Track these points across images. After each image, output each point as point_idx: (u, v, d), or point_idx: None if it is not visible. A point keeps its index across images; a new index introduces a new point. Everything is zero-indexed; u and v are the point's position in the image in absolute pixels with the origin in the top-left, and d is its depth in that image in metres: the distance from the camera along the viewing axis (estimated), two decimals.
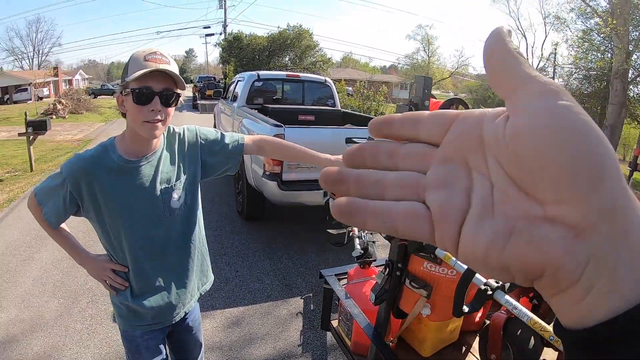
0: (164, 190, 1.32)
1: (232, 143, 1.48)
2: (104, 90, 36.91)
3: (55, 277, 3.67)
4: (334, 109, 6.58)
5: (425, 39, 49.04)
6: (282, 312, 3.26)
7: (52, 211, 1.30)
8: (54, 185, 1.27)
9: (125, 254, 1.34)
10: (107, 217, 1.28)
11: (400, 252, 1.32)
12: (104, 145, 1.29)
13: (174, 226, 1.38)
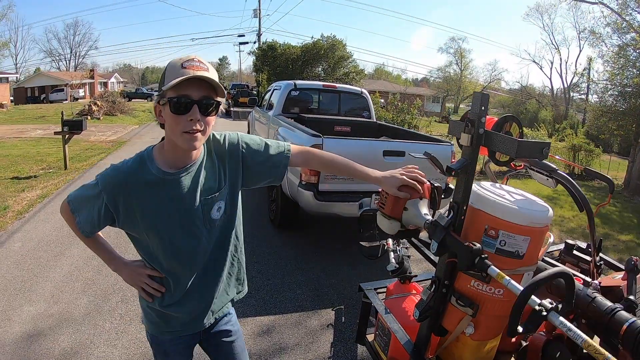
0: (204, 201, 1.27)
1: (277, 154, 1.40)
2: (138, 94, 38.24)
3: (86, 275, 3.75)
4: (370, 121, 6.58)
5: (458, 52, 48.65)
6: (313, 323, 3.24)
7: (86, 221, 1.26)
8: (89, 196, 1.23)
9: (161, 262, 1.30)
10: (144, 229, 1.23)
11: (448, 269, 1.30)
12: (142, 156, 1.24)
13: (213, 236, 1.34)
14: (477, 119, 1.13)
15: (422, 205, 1.33)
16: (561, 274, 1.01)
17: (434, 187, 1.36)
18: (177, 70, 1.11)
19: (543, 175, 1.58)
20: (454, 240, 1.19)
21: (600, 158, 12.70)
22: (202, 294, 1.39)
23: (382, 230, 1.41)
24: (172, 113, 1.12)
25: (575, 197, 1.47)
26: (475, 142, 1.16)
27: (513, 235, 1.23)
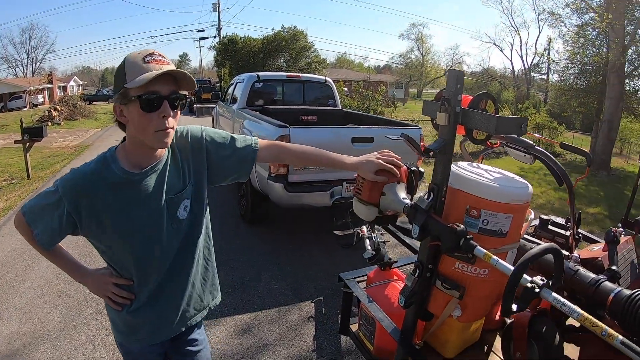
0: (170, 200, 1.21)
1: (244, 147, 1.34)
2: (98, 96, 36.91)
3: (57, 287, 3.56)
4: (336, 109, 6.53)
5: (419, 38, 49.27)
6: (293, 317, 3.19)
7: (45, 232, 1.17)
8: (48, 204, 1.14)
9: (127, 267, 1.24)
10: (110, 233, 1.16)
11: (431, 252, 1.25)
12: (104, 157, 1.16)
13: (179, 237, 1.27)
14: (453, 97, 1.08)
15: (399, 189, 1.28)
16: (551, 249, 0.98)
17: (410, 170, 1.32)
18: (140, 66, 1.04)
19: (520, 152, 1.56)
20: (436, 223, 1.14)
21: (563, 135, 13.14)
22: (170, 299, 1.31)
23: (359, 217, 1.35)
24: (143, 111, 1.05)
25: (554, 171, 1.46)
26: (452, 121, 1.12)
27: (495, 214, 1.20)
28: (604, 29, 9.86)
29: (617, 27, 9.62)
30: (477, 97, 1.17)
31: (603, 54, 11.50)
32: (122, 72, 1.06)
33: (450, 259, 1.26)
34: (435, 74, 48.90)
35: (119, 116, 1.11)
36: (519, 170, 8.93)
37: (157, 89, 1.05)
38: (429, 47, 49.68)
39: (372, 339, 1.72)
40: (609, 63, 10.12)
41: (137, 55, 1.07)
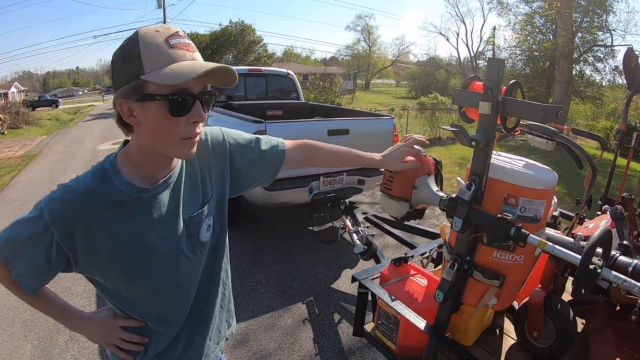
0: (190, 221, 0.99)
1: (270, 149, 1.15)
2: (42, 102, 35.05)
3: (22, 316, 3.25)
4: (301, 102, 6.49)
5: (365, 29, 50.00)
6: (287, 322, 3.11)
7: (28, 272, 0.90)
8: (29, 235, 0.86)
9: (138, 307, 1.00)
10: (115, 268, 0.91)
11: (471, 245, 1.24)
12: (102, 169, 0.90)
13: (202, 264, 1.05)
14: (495, 86, 1.06)
15: (431, 182, 1.26)
16: (607, 231, 0.99)
17: (436, 161, 1.30)
18: (164, 52, 0.79)
19: (542, 139, 1.58)
20: (481, 214, 1.13)
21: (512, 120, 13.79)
22: (191, 338, 1.09)
23: (391, 214, 1.31)
24: (172, 115, 0.81)
25: (575, 156, 1.49)
26: (495, 110, 1.10)
27: (532, 200, 1.21)
28: (553, 17, 10.42)
29: (565, 14, 10.19)
30: (510, 86, 1.16)
31: (550, 40, 12.18)
32: (134, 56, 0.78)
33: (487, 249, 1.25)
34: (382, 65, 49.83)
35: (127, 116, 0.84)
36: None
37: (189, 86, 0.81)
38: (376, 38, 50.68)
39: (395, 337, 1.69)
40: (558, 49, 10.73)
41: (155, 33, 0.80)
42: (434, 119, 12.39)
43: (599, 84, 13.56)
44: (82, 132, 15.34)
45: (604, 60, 12.96)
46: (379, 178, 4.38)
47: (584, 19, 11.35)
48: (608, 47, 12.35)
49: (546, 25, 12.57)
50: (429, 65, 43.20)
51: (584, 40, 11.88)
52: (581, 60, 12.50)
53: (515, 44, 13.59)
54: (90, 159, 9.32)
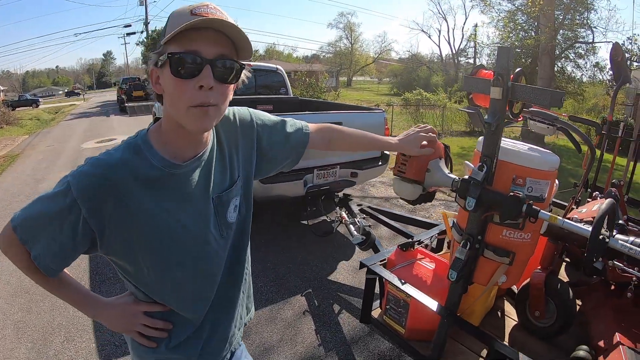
0: (218, 200, 0.96)
1: (295, 131, 1.14)
2: (22, 101, 34.09)
3: (14, 317, 3.16)
4: (291, 97, 6.52)
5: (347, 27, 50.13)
6: (287, 314, 3.14)
7: (48, 252, 0.85)
8: (53, 211, 0.81)
9: (168, 291, 0.95)
10: (144, 248, 0.87)
11: (482, 224, 1.30)
12: (134, 143, 0.87)
13: (228, 245, 1.02)
14: (505, 73, 1.13)
15: (442, 165, 1.32)
16: (612, 204, 1.06)
17: (445, 146, 1.36)
18: (185, 18, 0.77)
19: (543, 124, 1.65)
20: (494, 193, 1.20)
21: None
22: (217, 324, 1.05)
23: (404, 197, 1.37)
24: (174, 76, 0.78)
25: (575, 140, 1.57)
26: (505, 95, 1.16)
27: (538, 181, 1.27)
28: (536, 14, 10.65)
29: (548, 12, 10.43)
30: (517, 74, 1.22)
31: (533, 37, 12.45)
32: (165, 27, 0.82)
33: (497, 228, 1.31)
34: (364, 62, 50.03)
35: (154, 84, 0.85)
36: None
37: (196, 48, 0.78)
38: (358, 36, 50.90)
39: (404, 322, 1.74)
40: (541, 46, 10.98)
41: (184, 7, 0.81)
42: (419, 115, 12.53)
43: (580, 80, 13.96)
44: (65, 131, 15.03)
45: (585, 56, 13.35)
46: (372, 171, 4.46)
47: (566, 17, 11.65)
48: (589, 44, 12.71)
49: (528, 22, 12.87)
50: (411, 62, 43.64)
51: (565, 37, 12.19)
52: (563, 56, 12.85)
53: (498, 40, 13.88)
54: (75, 158, 9.17)
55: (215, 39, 0.80)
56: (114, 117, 18.87)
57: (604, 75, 13.17)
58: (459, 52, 43.62)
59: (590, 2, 11.59)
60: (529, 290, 1.67)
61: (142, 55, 29.11)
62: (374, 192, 6.32)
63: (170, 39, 0.77)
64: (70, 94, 55.17)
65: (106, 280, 3.63)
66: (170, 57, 0.77)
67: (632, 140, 2.20)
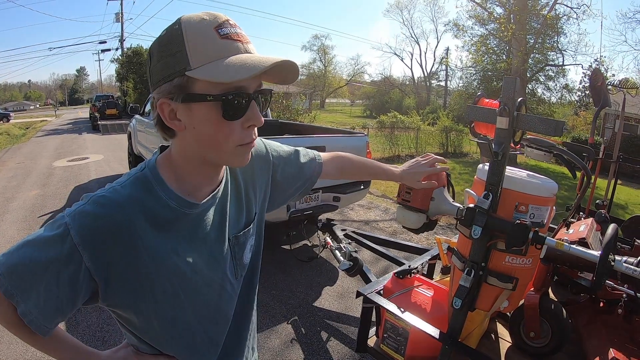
0: (235, 241, 0.88)
1: (309, 161, 1.11)
2: None
3: None
4: (272, 119, 6.49)
5: (321, 49, 51.01)
6: (275, 343, 3.06)
7: (41, 308, 0.70)
8: (48, 260, 0.67)
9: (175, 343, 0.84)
10: (153, 298, 0.76)
11: (487, 252, 1.32)
12: (143, 177, 0.76)
13: (240, 288, 0.94)
14: (511, 103, 1.16)
15: (446, 193, 1.33)
16: (616, 229, 1.10)
17: (447, 173, 1.37)
18: (215, 42, 0.67)
19: (540, 151, 1.70)
20: (500, 221, 1.21)
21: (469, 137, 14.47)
22: None
23: (408, 226, 1.37)
24: (225, 119, 0.69)
25: (570, 166, 1.62)
26: (511, 125, 1.19)
27: (540, 207, 1.30)
28: (509, 38, 11.14)
29: (520, 36, 10.94)
30: (519, 104, 1.26)
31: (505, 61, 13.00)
32: (178, 46, 0.67)
33: (500, 255, 1.33)
34: (337, 84, 50.87)
35: (169, 120, 0.72)
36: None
37: (244, 85, 0.69)
38: (331, 58, 51.75)
39: (403, 350, 1.72)
40: (512, 69, 11.46)
41: (202, 21, 0.67)
42: (394, 137, 12.75)
43: (549, 102, 14.64)
44: (36, 148, 14.48)
45: (555, 78, 14.06)
46: (354, 195, 4.48)
47: (537, 41, 12.25)
48: (559, 67, 13.38)
49: (500, 46, 13.46)
50: (384, 84, 44.68)
51: (536, 60, 12.79)
52: (533, 79, 13.47)
53: (471, 64, 14.47)
54: (47, 176, 8.78)
55: None
56: (86, 135, 18.37)
57: (572, 96, 13.87)
58: (431, 75, 45.11)
59: (560, 27, 12.24)
60: (524, 312, 1.69)
61: (116, 73, 28.75)
62: (353, 216, 6.33)
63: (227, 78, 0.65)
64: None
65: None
66: (224, 100, 0.67)
67: (612, 162, 2.29)
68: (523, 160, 11.40)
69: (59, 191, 7.37)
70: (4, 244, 4.70)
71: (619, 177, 2.42)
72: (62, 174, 9.12)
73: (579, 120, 15.14)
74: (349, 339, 3.07)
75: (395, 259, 3.01)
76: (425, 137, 13.41)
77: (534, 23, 12.05)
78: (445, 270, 2.11)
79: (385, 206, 6.91)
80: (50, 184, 8.00)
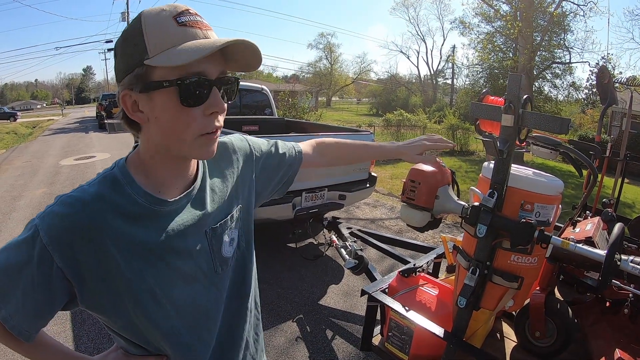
0: (212, 233, 0.85)
1: (288, 153, 1.09)
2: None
3: None
4: (277, 118, 6.50)
5: (327, 47, 50.93)
6: (280, 341, 3.06)
7: (20, 312, 0.71)
8: (21, 263, 0.68)
9: (160, 342, 0.82)
10: (130, 297, 0.74)
11: (492, 250, 1.31)
12: (111, 176, 0.75)
13: (227, 284, 0.91)
14: (516, 101, 1.15)
15: (451, 192, 1.32)
16: (623, 228, 1.09)
17: (452, 172, 1.37)
18: (172, 29, 0.67)
19: (546, 149, 1.69)
20: (505, 220, 1.21)
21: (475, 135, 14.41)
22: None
23: (412, 224, 1.37)
24: (183, 105, 0.68)
25: (577, 165, 1.60)
26: (517, 123, 1.19)
27: (546, 205, 1.29)
28: (516, 36, 11.06)
29: (526, 34, 10.86)
30: (525, 100, 1.25)
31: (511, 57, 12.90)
32: (137, 38, 0.67)
33: (506, 254, 1.32)
34: (343, 82, 50.80)
35: (131, 112, 0.71)
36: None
37: (203, 69, 0.68)
38: (337, 56, 51.63)
39: (407, 349, 1.72)
40: (519, 67, 11.38)
41: (161, 12, 0.68)
42: (400, 135, 12.72)
43: (557, 100, 14.54)
44: (43, 146, 14.61)
45: (562, 76, 13.95)
46: (360, 193, 4.47)
47: (544, 38, 12.17)
48: (566, 64, 13.27)
49: (507, 43, 13.37)
50: (390, 82, 44.55)
51: (543, 58, 12.70)
52: (540, 77, 13.37)
53: (477, 62, 14.40)
54: (54, 175, 8.86)
55: (214, 55, 0.69)
56: (93, 134, 18.51)
57: (579, 94, 13.77)
58: (437, 73, 44.95)
59: (567, 24, 12.13)
60: (529, 311, 1.69)
61: None
62: (359, 214, 6.32)
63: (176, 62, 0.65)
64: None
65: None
66: (180, 84, 0.66)
67: (619, 160, 2.27)
68: (530, 159, 11.34)
69: (65, 190, 7.27)
70: None
71: (626, 176, 2.39)
72: (69, 172, 9.19)
73: (586, 118, 15.07)
74: (354, 338, 3.07)
75: (401, 258, 3.01)
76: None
77: (540, 20, 11.95)
78: (451, 268, 2.10)
79: (391, 204, 6.89)
80: (57, 182, 8.07)
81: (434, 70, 45.44)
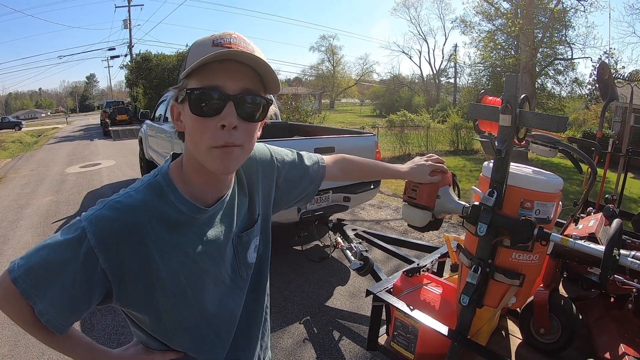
0: (238, 241, 0.92)
1: (312, 165, 1.14)
2: (4, 124, 33.80)
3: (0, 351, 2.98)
4: (281, 122, 6.54)
5: (329, 49, 50.98)
6: (287, 343, 3.09)
7: (58, 307, 0.75)
8: (65, 260, 0.72)
9: (184, 340, 0.88)
10: (163, 297, 0.80)
11: (493, 248, 1.33)
12: (156, 183, 0.81)
13: (247, 287, 0.98)
14: (513, 100, 1.17)
15: (451, 192, 1.35)
16: (621, 224, 1.10)
17: (453, 174, 1.39)
18: (207, 48, 0.72)
19: (545, 147, 1.71)
20: (505, 218, 1.23)
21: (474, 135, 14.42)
22: None
23: (413, 224, 1.38)
24: (193, 114, 0.73)
25: (576, 162, 1.62)
26: (514, 122, 1.20)
27: (545, 203, 1.31)
28: (517, 33, 11.05)
29: (528, 31, 10.85)
30: (522, 100, 1.27)
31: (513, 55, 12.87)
32: (185, 60, 0.77)
33: (507, 252, 1.34)
34: (346, 84, 50.83)
35: (175, 120, 0.81)
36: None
37: (218, 83, 0.72)
38: (340, 58, 51.72)
39: (413, 347, 1.73)
40: (521, 64, 11.37)
41: (207, 38, 0.75)
42: (403, 136, 12.72)
43: (560, 96, 14.50)
44: (48, 155, 14.75)
45: (564, 72, 13.91)
46: (365, 195, 4.49)
47: (545, 35, 12.15)
48: (568, 60, 13.22)
49: (508, 41, 13.37)
50: (392, 83, 44.55)
51: (545, 54, 12.68)
52: (543, 74, 13.34)
53: (479, 60, 14.40)
54: (60, 183, 8.96)
55: (238, 72, 0.73)
56: (98, 141, 18.65)
57: (582, 90, 13.74)
58: (440, 72, 44.91)
59: (568, 20, 12.11)
60: (533, 308, 1.70)
61: (125, 79, 29.15)
62: (364, 215, 6.34)
63: (190, 72, 0.72)
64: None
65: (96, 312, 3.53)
66: (189, 94, 0.72)
67: (621, 155, 2.28)
68: (534, 157, 11.31)
69: (72, 197, 7.51)
70: (19, 249, 4.81)
71: (629, 170, 2.39)
72: (75, 180, 9.28)
73: (590, 114, 15.03)
74: (360, 338, 3.09)
75: (406, 258, 3.02)
76: (436, 135, 13.37)
77: (541, 17, 11.93)
78: (455, 267, 2.12)
79: (396, 205, 6.90)
80: (64, 190, 8.16)
81: (437, 69, 45.45)
